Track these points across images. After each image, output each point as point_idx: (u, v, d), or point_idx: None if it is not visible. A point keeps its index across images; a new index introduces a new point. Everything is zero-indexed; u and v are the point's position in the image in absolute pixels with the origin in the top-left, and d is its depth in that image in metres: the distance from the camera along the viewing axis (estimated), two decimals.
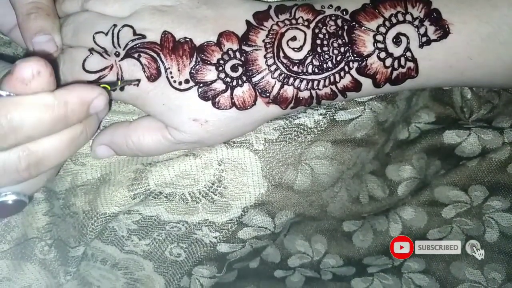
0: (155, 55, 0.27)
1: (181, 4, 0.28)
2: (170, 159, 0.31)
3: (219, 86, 0.27)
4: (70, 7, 0.30)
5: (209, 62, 0.27)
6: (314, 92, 0.28)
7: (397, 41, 0.27)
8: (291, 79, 0.27)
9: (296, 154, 0.31)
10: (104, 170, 0.32)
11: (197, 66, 0.27)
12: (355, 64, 0.27)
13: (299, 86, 0.27)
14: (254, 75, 0.27)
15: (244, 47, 0.27)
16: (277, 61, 0.27)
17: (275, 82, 0.27)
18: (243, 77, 0.27)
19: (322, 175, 0.32)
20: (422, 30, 0.27)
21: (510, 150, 0.34)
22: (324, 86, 0.27)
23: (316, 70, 0.27)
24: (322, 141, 0.31)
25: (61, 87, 0.23)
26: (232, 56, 0.27)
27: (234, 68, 0.27)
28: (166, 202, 0.32)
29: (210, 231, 0.33)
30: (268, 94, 0.27)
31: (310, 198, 0.33)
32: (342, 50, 0.27)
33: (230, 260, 0.36)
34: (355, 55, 0.27)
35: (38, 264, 0.35)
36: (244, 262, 0.38)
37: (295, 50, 0.27)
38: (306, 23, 0.27)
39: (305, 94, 0.28)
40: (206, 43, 0.27)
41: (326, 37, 0.27)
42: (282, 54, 0.27)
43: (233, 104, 0.27)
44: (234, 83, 0.27)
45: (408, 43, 0.27)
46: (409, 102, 0.36)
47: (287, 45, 0.27)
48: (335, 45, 0.27)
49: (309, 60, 0.27)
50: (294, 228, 0.38)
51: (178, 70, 0.27)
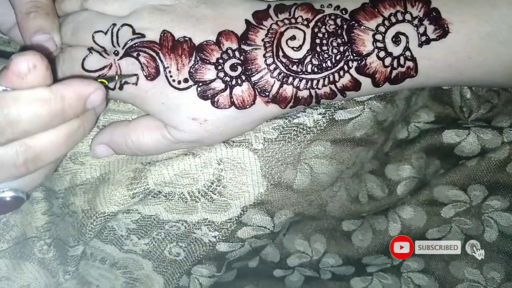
0: (154, 54, 0.27)
1: (180, 3, 0.28)
2: (170, 158, 0.31)
3: (218, 85, 0.27)
4: (69, 6, 0.30)
5: (208, 61, 0.27)
6: (313, 91, 0.27)
7: (396, 40, 0.27)
8: (291, 78, 0.27)
9: (295, 153, 0.31)
10: (103, 169, 0.32)
11: (196, 65, 0.27)
12: (355, 63, 0.27)
13: (299, 85, 0.27)
14: (253, 74, 0.27)
15: (243, 46, 0.27)
16: (276, 60, 0.27)
17: (274, 81, 0.27)
18: (242, 76, 0.27)
19: (321, 175, 0.32)
20: (421, 30, 0.27)
21: (509, 149, 0.34)
22: (323, 85, 0.27)
23: (315, 69, 0.27)
24: (321, 140, 0.31)
25: (58, 82, 0.23)
26: (231, 55, 0.27)
27: (233, 67, 0.27)
28: (165, 202, 0.32)
29: (209, 231, 0.33)
30: (267, 93, 0.27)
31: (309, 198, 0.33)
32: (342, 49, 0.27)
33: (229, 259, 0.36)
34: (355, 55, 0.27)
35: (37, 263, 0.34)
36: (243, 261, 0.38)
37: (295, 49, 0.27)
38: (305, 22, 0.27)
39: (304, 94, 0.28)
40: (205, 42, 0.27)
41: (326, 36, 0.27)
42: (281, 53, 0.27)
43: (232, 103, 0.27)
44: (233, 82, 0.27)
45: (407, 42, 0.27)
46: (408, 101, 0.36)
47: (287, 44, 0.27)
48: (335, 44, 0.27)
49: (308, 59, 0.27)
50: (294, 227, 0.38)
51: (177, 69, 0.27)
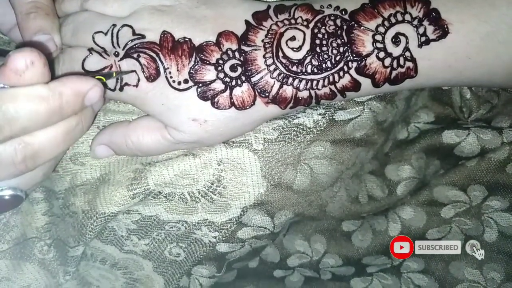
0: (154, 55, 0.27)
1: (180, 4, 0.28)
2: (170, 159, 0.31)
3: (218, 86, 0.27)
4: (69, 7, 0.30)
5: (208, 62, 0.27)
6: (313, 92, 0.28)
7: (396, 41, 0.27)
8: (290, 79, 0.27)
9: (295, 154, 0.31)
10: (103, 170, 0.32)
11: (196, 66, 0.27)
12: (354, 64, 0.27)
13: (298, 86, 0.27)
14: (253, 75, 0.27)
15: (243, 47, 0.27)
16: (276, 61, 0.27)
17: (274, 82, 0.27)
18: (242, 77, 0.27)
19: (321, 175, 0.32)
20: (421, 30, 0.27)
21: (509, 150, 0.34)
22: (323, 86, 0.27)
23: (315, 70, 0.27)
24: (321, 141, 0.31)
25: (55, 79, 0.23)
26: (231, 56, 0.27)
27: (233, 68, 0.27)
28: (166, 202, 0.32)
29: (209, 231, 0.33)
30: (267, 94, 0.27)
31: (309, 198, 0.33)
32: (341, 50, 0.27)
33: (230, 259, 0.36)
34: (354, 55, 0.27)
35: (37, 264, 0.35)
36: (243, 261, 0.38)
37: (294, 50, 0.27)
38: (305, 23, 0.27)
39: (304, 94, 0.28)
40: (205, 43, 0.27)
41: (325, 37, 0.27)
42: (281, 54, 0.27)
43: (232, 104, 0.27)
44: (233, 83, 0.27)
45: (407, 43, 0.27)
46: (408, 102, 0.36)
47: (286, 45, 0.27)
48: (334, 45, 0.27)
49: (308, 60, 0.27)
50: (294, 228, 0.38)
51: (177, 70, 0.27)
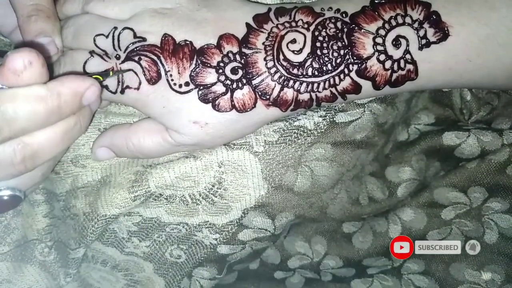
0: (156, 58, 0.27)
1: (181, 6, 0.28)
2: (171, 161, 0.31)
3: (219, 88, 0.27)
4: (70, 10, 0.30)
5: (209, 65, 0.27)
6: (314, 94, 0.28)
7: (396, 43, 0.27)
8: (291, 82, 0.27)
9: (296, 156, 0.31)
10: (104, 172, 0.32)
11: (197, 69, 0.27)
12: (355, 66, 0.27)
13: (299, 88, 0.27)
14: (254, 78, 0.27)
15: (244, 50, 0.27)
16: (277, 63, 0.27)
17: (275, 84, 0.27)
18: (243, 79, 0.27)
19: (322, 177, 0.32)
20: (421, 33, 0.27)
21: (509, 151, 0.34)
22: (324, 88, 0.27)
23: (316, 73, 0.27)
24: (322, 143, 0.31)
25: (52, 79, 0.23)
26: (232, 58, 0.27)
27: (234, 70, 0.27)
28: (167, 204, 0.32)
29: (210, 233, 0.33)
30: (268, 97, 0.27)
31: (310, 200, 0.33)
32: (342, 52, 0.27)
33: (230, 261, 0.36)
34: (355, 58, 0.27)
35: (38, 266, 0.35)
36: (244, 263, 0.38)
37: (295, 52, 0.27)
38: (306, 26, 0.27)
39: (305, 97, 0.28)
40: (206, 46, 0.27)
41: (326, 39, 0.27)
42: (282, 57, 0.27)
43: (233, 106, 0.27)
44: (234, 86, 0.27)
45: (407, 46, 0.27)
46: (408, 103, 0.36)
47: (287, 47, 0.27)
48: (335, 47, 0.27)
49: (309, 62, 0.27)
50: (294, 229, 0.39)
51: (178, 73, 0.27)
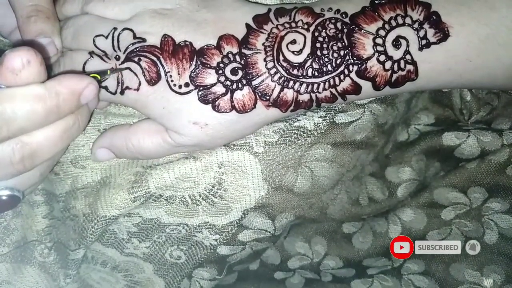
0: (155, 59, 0.27)
1: (181, 7, 0.28)
2: (170, 162, 0.31)
3: (219, 89, 0.27)
4: (70, 10, 0.30)
5: (209, 66, 0.27)
6: (314, 95, 0.28)
7: (396, 44, 0.27)
8: (291, 82, 0.27)
9: (296, 156, 0.31)
10: (104, 173, 0.32)
11: (197, 70, 0.27)
12: (355, 67, 0.27)
13: (299, 89, 0.27)
14: (254, 78, 0.27)
15: (244, 51, 0.27)
16: (277, 64, 0.27)
17: (275, 85, 0.27)
18: (243, 80, 0.27)
19: (322, 178, 0.32)
20: (421, 33, 0.27)
21: (509, 152, 0.34)
22: (324, 89, 0.27)
23: (316, 73, 0.27)
24: (322, 143, 0.31)
25: (50, 78, 0.23)
26: (232, 59, 0.27)
27: (234, 71, 0.27)
28: (166, 205, 0.32)
29: (210, 234, 0.33)
30: (268, 97, 0.27)
31: (310, 201, 0.33)
32: (342, 53, 0.27)
33: (230, 262, 0.36)
34: (355, 58, 0.27)
35: (38, 267, 0.35)
36: (244, 264, 0.38)
37: (295, 53, 0.27)
38: (305, 26, 0.27)
39: (305, 97, 0.28)
40: (206, 47, 0.27)
41: (326, 40, 0.27)
42: (282, 58, 0.27)
43: (233, 107, 0.27)
44: (234, 87, 0.27)
45: (407, 46, 0.27)
46: (408, 104, 0.36)
47: (287, 48, 0.27)
48: (335, 48, 0.27)
49: (309, 63, 0.27)
50: (294, 230, 0.38)
51: (178, 74, 0.27)
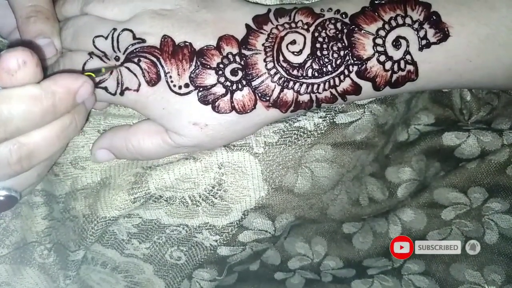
0: (155, 60, 0.27)
1: (181, 8, 0.28)
2: (170, 163, 0.31)
3: (219, 90, 0.27)
4: (69, 11, 0.30)
5: (208, 66, 0.27)
6: (314, 95, 0.27)
7: (396, 44, 0.27)
8: (291, 83, 0.27)
9: (296, 157, 0.31)
10: (104, 174, 0.32)
11: (197, 70, 0.27)
12: (355, 67, 0.27)
13: (299, 89, 0.27)
14: (254, 79, 0.27)
15: (243, 51, 0.27)
16: (276, 65, 0.27)
17: (275, 86, 0.27)
18: (243, 81, 0.27)
19: (322, 178, 0.32)
20: (421, 33, 0.27)
21: (509, 152, 0.34)
22: (324, 89, 0.27)
23: (316, 74, 0.27)
24: (322, 144, 0.31)
25: (45, 78, 0.23)
26: (231, 60, 0.27)
27: (234, 72, 0.27)
28: (166, 206, 0.32)
29: (210, 235, 0.33)
30: (268, 98, 0.27)
31: (310, 201, 0.33)
32: (342, 53, 0.27)
33: (231, 263, 0.36)
34: (355, 59, 0.27)
35: (38, 268, 0.34)
36: (244, 265, 0.38)
37: (295, 54, 0.27)
38: (305, 27, 0.27)
39: (305, 98, 0.28)
40: (205, 47, 0.27)
41: (326, 40, 0.27)
42: (281, 58, 0.27)
43: (233, 108, 0.27)
44: (234, 87, 0.27)
45: (407, 46, 0.27)
46: (408, 104, 0.36)
47: (287, 48, 0.27)
48: (335, 48, 0.27)
49: (308, 63, 0.27)
50: (294, 230, 0.38)
51: (178, 75, 0.27)
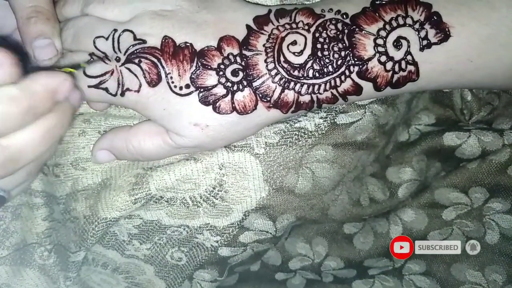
0: (156, 60, 0.27)
1: (181, 8, 0.28)
2: (171, 164, 0.31)
3: (220, 90, 0.27)
4: (70, 12, 0.30)
5: (209, 67, 0.27)
6: (315, 96, 0.27)
7: (397, 44, 0.27)
8: (292, 84, 0.27)
9: (297, 157, 0.31)
10: (104, 174, 0.32)
11: (197, 71, 0.27)
12: (356, 68, 0.27)
13: (300, 90, 0.27)
14: (255, 80, 0.27)
15: (244, 52, 0.27)
16: (277, 65, 0.27)
17: (276, 86, 0.27)
18: (244, 81, 0.27)
19: (323, 179, 0.32)
20: (422, 34, 0.27)
21: (510, 152, 0.34)
22: (324, 90, 0.27)
23: (316, 75, 0.27)
24: (323, 144, 0.31)
25: (23, 77, 0.22)
26: (232, 60, 0.27)
27: (234, 72, 0.27)
28: (167, 207, 0.32)
29: (211, 235, 0.33)
30: (268, 99, 0.27)
31: (311, 202, 0.33)
32: (343, 54, 0.27)
33: (231, 263, 0.36)
34: (356, 59, 0.27)
35: (38, 269, 0.34)
36: (245, 265, 0.38)
37: (296, 54, 0.27)
38: (306, 27, 0.27)
39: (305, 99, 0.27)
40: (206, 48, 0.27)
41: (327, 41, 0.27)
42: (282, 59, 0.27)
43: (233, 108, 0.27)
44: (235, 88, 0.27)
45: (408, 47, 0.27)
46: (409, 104, 0.36)
47: (288, 49, 0.27)
48: (336, 49, 0.27)
49: (309, 64, 0.27)
50: (295, 230, 0.38)
51: (179, 75, 0.27)
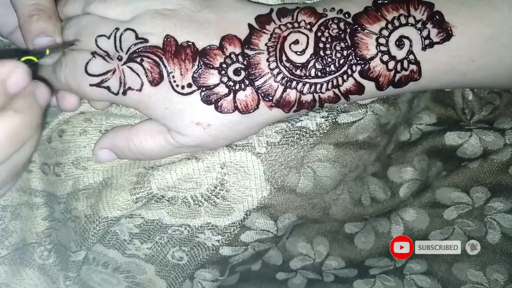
0: (158, 59, 0.27)
1: (183, 7, 0.28)
2: (173, 163, 0.31)
3: (222, 90, 0.27)
4: (71, 10, 0.29)
5: (211, 66, 0.27)
6: (317, 95, 0.27)
7: (400, 44, 0.27)
8: (294, 83, 0.27)
9: (298, 157, 0.31)
10: (106, 174, 0.32)
11: (199, 70, 0.27)
12: (358, 67, 0.27)
13: (302, 89, 0.27)
14: (257, 79, 0.27)
15: (246, 51, 0.27)
16: (279, 64, 0.27)
17: (278, 85, 0.27)
18: (246, 81, 0.27)
19: (324, 178, 0.32)
20: (425, 33, 0.27)
21: None
22: (327, 89, 0.27)
23: (319, 74, 0.27)
24: (324, 144, 0.31)
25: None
26: (234, 60, 0.27)
27: (236, 72, 0.27)
28: (169, 206, 0.32)
29: (212, 235, 0.33)
30: (271, 98, 0.27)
31: (312, 201, 0.33)
32: (345, 53, 0.27)
33: (233, 263, 0.36)
34: (358, 58, 0.27)
35: (37, 269, 0.34)
36: (246, 265, 0.38)
37: (298, 53, 0.27)
38: (308, 27, 0.27)
39: (308, 98, 0.27)
40: (208, 47, 0.27)
41: (329, 40, 0.27)
42: (284, 58, 0.27)
43: (235, 108, 0.27)
44: (237, 87, 0.27)
45: (411, 46, 0.27)
46: (410, 104, 0.36)
47: (290, 48, 0.27)
48: (338, 48, 0.27)
49: (312, 63, 0.27)
50: (296, 230, 0.38)
51: (181, 74, 0.27)
